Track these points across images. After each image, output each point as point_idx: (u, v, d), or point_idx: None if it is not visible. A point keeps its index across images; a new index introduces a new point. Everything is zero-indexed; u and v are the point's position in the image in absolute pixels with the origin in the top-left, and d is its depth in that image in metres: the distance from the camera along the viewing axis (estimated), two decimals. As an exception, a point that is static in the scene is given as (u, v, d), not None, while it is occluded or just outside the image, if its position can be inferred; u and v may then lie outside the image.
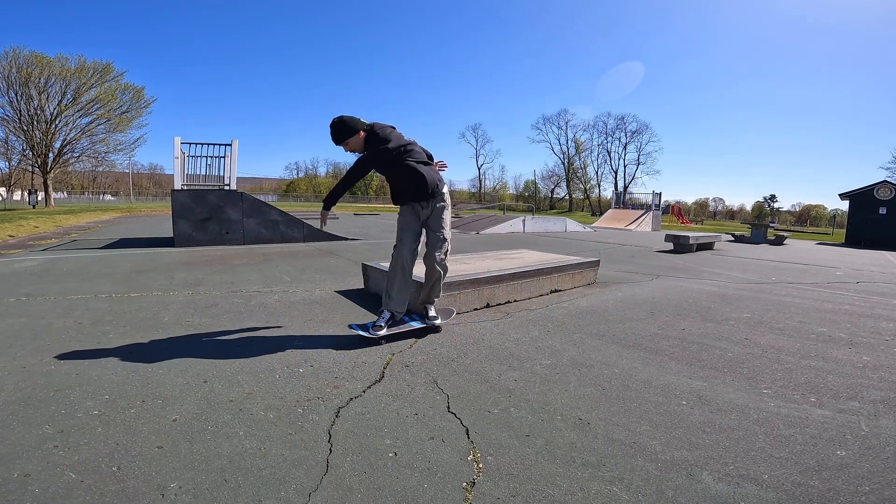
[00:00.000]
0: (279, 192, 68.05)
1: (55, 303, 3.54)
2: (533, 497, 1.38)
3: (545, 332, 3.11)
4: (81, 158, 32.41)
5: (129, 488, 1.36)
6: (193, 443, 1.61)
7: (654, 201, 22.27)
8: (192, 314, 3.29)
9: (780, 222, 51.96)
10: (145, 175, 67.95)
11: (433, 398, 2.04)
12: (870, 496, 1.42)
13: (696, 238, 9.24)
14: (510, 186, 75.83)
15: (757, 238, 13.25)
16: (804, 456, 1.64)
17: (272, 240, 8.40)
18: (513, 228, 13.83)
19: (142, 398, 1.94)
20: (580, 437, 1.74)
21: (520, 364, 2.49)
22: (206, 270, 5.21)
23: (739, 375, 2.42)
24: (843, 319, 3.75)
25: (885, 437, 1.80)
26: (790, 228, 38.10)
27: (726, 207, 79.40)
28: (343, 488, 1.39)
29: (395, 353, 2.59)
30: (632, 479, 1.47)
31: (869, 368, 2.59)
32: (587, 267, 4.83)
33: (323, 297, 3.98)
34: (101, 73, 30.04)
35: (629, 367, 2.50)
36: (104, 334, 2.79)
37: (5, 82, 28.23)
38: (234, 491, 1.36)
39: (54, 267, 5.28)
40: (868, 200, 15.94)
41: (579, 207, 63.44)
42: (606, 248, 9.42)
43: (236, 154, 8.80)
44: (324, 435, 1.69)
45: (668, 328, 3.30)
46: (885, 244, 14.20)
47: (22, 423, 1.70)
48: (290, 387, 2.11)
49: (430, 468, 1.51)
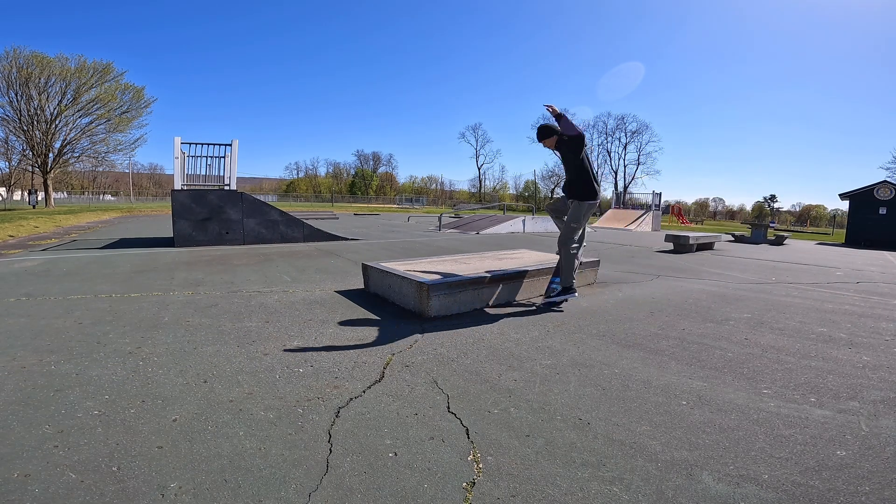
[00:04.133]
0: (279, 192, 68.05)
1: (55, 303, 3.54)
2: (533, 497, 1.38)
3: (545, 332, 3.11)
4: (81, 158, 32.42)
5: (129, 488, 1.36)
6: (193, 443, 1.61)
7: (654, 201, 22.27)
8: (192, 314, 3.29)
9: (780, 222, 51.96)
10: (145, 175, 67.94)
11: (433, 398, 2.04)
12: (870, 496, 1.42)
13: (696, 238, 9.24)
14: (510, 186, 75.87)
15: (757, 238, 13.25)
16: (804, 456, 1.64)
17: (272, 240, 8.40)
18: (513, 228, 13.83)
19: (142, 398, 1.94)
20: (580, 437, 1.74)
21: (520, 364, 2.49)
22: (206, 270, 5.21)
23: (739, 375, 2.42)
24: (844, 319, 3.75)
25: (885, 437, 1.80)
26: (790, 228, 38.11)
27: (726, 207, 79.40)
28: (343, 488, 1.39)
29: (395, 353, 2.59)
30: (632, 479, 1.47)
31: (869, 368, 2.59)
32: (587, 267, 4.83)
33: (323, 297, 3.98)
34: (102, 73, 30.06)
35: (629, 367, 2.50)
36: (104, 334, 2.79)
37: (5, 82, 28.25)
38: (234, 491, 1.36)
39: (54, 267, 5.28)
40: (868, 200, 15.94)
41: (579, 207, 63.32)
42: (606, 248, 9.42)
43: (236, 154, 8.80)
44: (324, 435, 1.69)
45: (668, 328, 3.30)
46: (885, 244, 14.20)
47: (22, 423, 1.70)
48: (290, 387, 2.11)
49: (430, 468, 1.51)
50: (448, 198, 71.10)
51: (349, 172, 78.73)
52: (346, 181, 77.13)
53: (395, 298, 3.74)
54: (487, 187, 73.70)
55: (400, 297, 3.66)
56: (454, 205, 46.89)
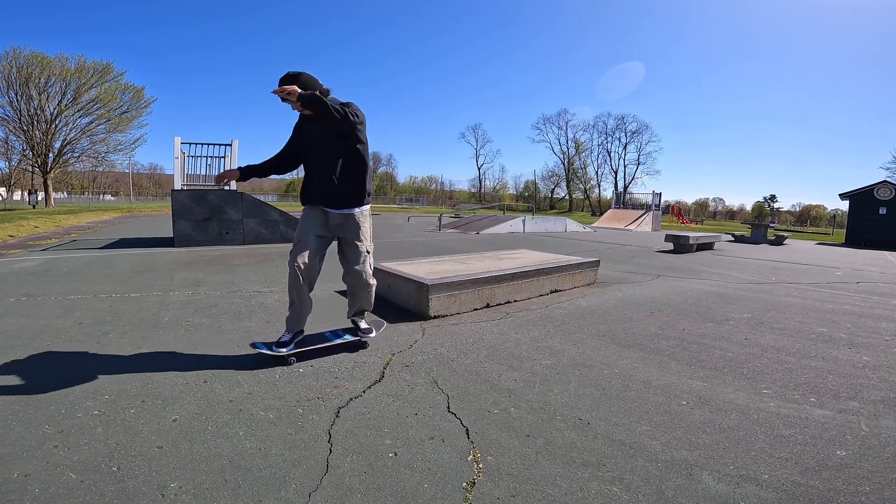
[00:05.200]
0: (279, 192, 67.97)
1: (55, 303, 3.54)
2: (533, 497, 1.38)
3: (545, 332, 3.11)
4: (81, 158, 32.41)
5: (129, 488, 1.36)
6: (193, 443, 1.61)
7: (654, 201, 22.26)
8: (192, 314, 3.29)
9: (780, 222, 51.93)
10: (145, 175, 67.90)
11: (433, 398, 2.04)
12: (870, 496, 1.42)
13: (696, 238, 9.24)
14: (510, 186, 75.83)
15: (757, 238, 13.25)
16: (804, 456, 1.64)
17: (272, 240, 8.40)
18: (513, 228, 13.83)
19: (142, 398, 1.94)
20: (580, 437, 1.74)
21: (520, 364, 2.49)
22: (206, 270, 5.21)
23: (739, 375, 2.42)
24: (843, 319, 3.75)
25: (885, 437, 1.80)
26: (790, 228, 38.09)
27: (726, 207, 79.34)
28: (343, 488, 1.39)
29: (395, 353, 2.59)
30: (632, 479, 1.47)
31: (869, 368, 2.59)
32: (587, 267, 4.83)
33: (323, 296, 3.98)
34: (101, 73, 30.03)
35: (629, 367, 2.50)
36: (104, 334, 2.79)
37: (5, 82, 28.23)
38: (234, 491, 1.36)
39: (54, 267, 5.28)
40: (868, 200, 15.94)
41: (579, 207, 63.41)
42: (606, 248, 9.42)
43: (236, 154, 8.81)
44: (324, 435, 1.69)
45: (668, 328, 3.30)
46: (885, 244, 14.20)
47: (22, 423, 1.70)
48: (290, 387, 2.11)
49: (430, 468, 1.51)
50: (448, 198, 71.09)
51: (349, 172, 78.48)
52: (346, 181, 76.89)
53: (395, 298, 3.74)
54: (487, 187, 73.71)
55: (400, 297, 3.66)
56: (454, 205, 46.89)
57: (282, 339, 2.42)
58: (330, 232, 2.48)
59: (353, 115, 2.28)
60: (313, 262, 2.40)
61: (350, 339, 2.64)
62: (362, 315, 2.70)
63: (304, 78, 2.31)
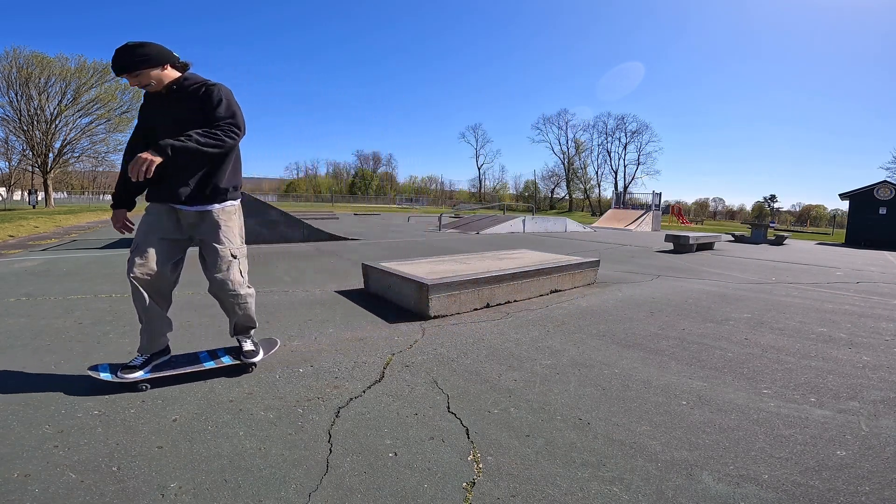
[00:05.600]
0: (279, 193, 67.98)
1: (55, 303, 3.54)
2: (533, 497, 1.38)
3: (545, 332, 3.11)
4: (81, 158, 32.47)
5: (129, 488, 1.36)
6: (193, 443, 1.61)
7: (654, 201, 22.29)
8: (192, 314, 3.29)
9: (780, 222, 51.96)
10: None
11: (433, 398, 2.04)
12: (870, 496, 1.42)
13: (696, 238, 9.24)
14: (510, 186, 75.88)
15: (757, 238, 13.25)
16: (804, 456, 1.64)
17: (272, 240, 8.40)
18: (513, 228, 13.83)
19: (142, 398, 1.94)
20: (580, 437, 1.74)
21: (520, 364, 2.49)
22: (206, 270, 5.21)
23: (739, 375, 2.42)
24: (844, 319, 3.75)
25: (885, 437, 1.80)
26: (790, 228, 38.11)
27: (726, 207, 79.37)
28: (343, 488, 1.39)
29: (395, 353, 2.59)
30: (632, 479, 1.47)
31: (869, 368, 2.59)
32: (587, 267, 4.83)
33: (323, 297, 3.98)
34: (102, 73, 30.07)
35: (629, 367, 2.50)
36: (104, 334, 2.79)
37: (5, 82, 28.28)
38: (234, 491, 1.36)
39: (54, 267, 5.28)
40: (868, 200, 15.95)
41: (579, 207, 63.44)
42: (606, 248, 9.42)
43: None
44: (324, 435, 1.69)
45: (668, 328, 3.30)
46: (885, 244, 14.21)
47: (22, 423, 1.70)
48: (290, 387, 2.11)
49: (430, 468, 1.51)
50: (448, 198, 71.13)
51: (349, 172, 78.81)
52: (346, 181, 77.18)
53: (395, 298, 3.74)
54: (487, 187, 73.75)
55: (400, 297, 3.66)
56: (454, 205, 46.92)
57: (132, 363, 2.02)
58: (184, 234, 2.10)
59: (233, 131, 1.95)
60: (162, 270, 1.98)
61: (229, 363, 2.23)
62: (247, 333, 2.29)
63: (150, 50, 1.88)
